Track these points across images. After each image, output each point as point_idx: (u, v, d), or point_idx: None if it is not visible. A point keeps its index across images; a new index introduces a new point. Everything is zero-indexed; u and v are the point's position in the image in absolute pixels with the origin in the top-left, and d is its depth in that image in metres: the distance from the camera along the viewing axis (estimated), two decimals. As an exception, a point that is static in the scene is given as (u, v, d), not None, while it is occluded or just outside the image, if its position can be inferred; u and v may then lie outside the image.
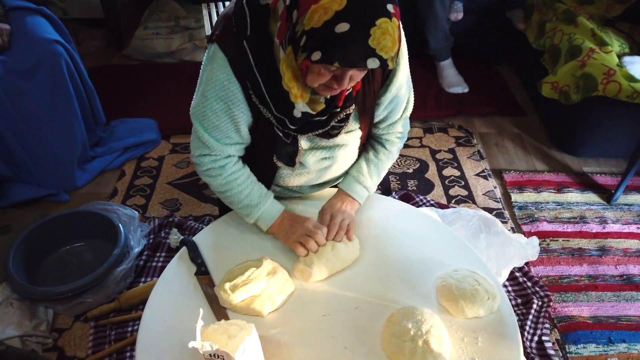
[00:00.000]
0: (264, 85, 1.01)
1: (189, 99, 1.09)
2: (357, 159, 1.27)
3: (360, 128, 1.17)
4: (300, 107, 1.02)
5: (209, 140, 1.09)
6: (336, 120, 1.09)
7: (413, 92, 1.20)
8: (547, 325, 1.57)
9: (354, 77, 0.95)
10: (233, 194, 1.15)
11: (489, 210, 2.01)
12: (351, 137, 1.18)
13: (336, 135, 1.13)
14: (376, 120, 1.20)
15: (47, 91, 1.93)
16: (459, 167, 2.29)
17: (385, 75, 1.11)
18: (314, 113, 1.04)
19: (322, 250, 1.09)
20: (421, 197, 2.04)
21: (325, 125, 1.09)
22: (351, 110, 1.10)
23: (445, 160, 2.34)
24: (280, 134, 1.10)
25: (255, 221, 1.16)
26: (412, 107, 1.22)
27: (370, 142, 1.28)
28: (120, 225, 1.72)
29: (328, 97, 1.03)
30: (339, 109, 1.07)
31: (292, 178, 1.21)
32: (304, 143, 1.13)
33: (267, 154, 1.16)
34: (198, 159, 1.14)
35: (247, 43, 0.98)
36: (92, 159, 2.21)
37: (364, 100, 1.11)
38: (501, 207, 2.06)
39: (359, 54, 0.84)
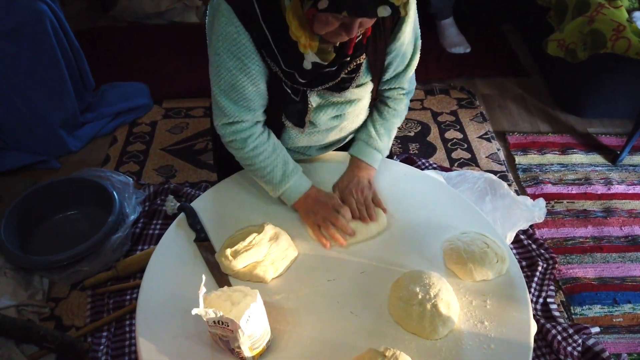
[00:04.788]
0: (271, 36, 0.96)
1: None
2: (364, 123, 1.22)
3: (371, 80, 1.11)
4: (310, 57, 0.97)
5: (226, 105, 1.03)
6: (346, 71, 1.04)
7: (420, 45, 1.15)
8: (552, 287, 1.56)
9: (363, 24, 0.90)
10: (256, 168, 1.10)
11: (493, 173, 1.97)
12: (362, 92, 1.12)
13: (347, 88, 1.07)
14: (387, 74, 1.15)
15: (32, 53, 1.86)
16: (462, 130, 2.24)
17: (395, 22, 1.05)
18: (325, 64, 0.99)
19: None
20: (423, 160, 2.00)
21: (335, 77, 1.04)
22: (362, 60, 1.04)
23: (447, 122, 2.28)
24: (289, 91, 1.05)
25: (278, 197, 1.11)
26: (417, 61, 1.16)
27: (374, 104, 1.22)
28: (114, 192, 1.67)
29: (337, 44, 0.97)
30: (349, 58, 1.01)
31: (300, 138, 1.16)
32: (313, 100, 1.07)
33: (275, 114, 1.11)
34: (220, 129, 1.09)
35: None
36: (83, 125, 2.15)
37: (375, 49, 1.05)
38: (505, 169, 2.03)
39: (368, 1, 0.79)
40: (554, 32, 2.25)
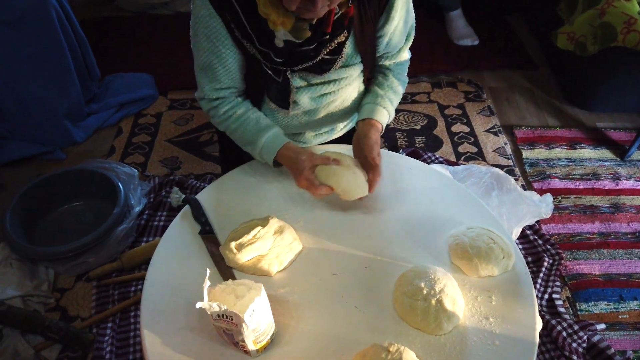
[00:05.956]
0: (243, 15, 0.97)
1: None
2: (369, 89, 1.21)
3: (361, 61, 1.10)
4: (281, 35, 0.97)
5: (201, 80, 1.08)
6: (327, 50, 1.03)
7: (415, 25, 1.16)
8: (557, 283, 1.55)
9: None
10: (231, 131, 1.13)
11: (500, 167, 1.96)
12: (350, 72, 1.11)
13: (329, 70, 1.07)
14: (381, 52, 1.14)
15: (36, 42, 1.85)
16: (469, 123, 2.22)
17: (382, 8, 1.04)
18: (298, 42, 0.99)
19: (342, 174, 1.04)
20: (429, 154, 1.98)
21: (315, 57, 1.03)
22: (343, 39, 1.03)
23: (454, 116, 2.26)
24: (270, 72, 1.05)
25: (261, 158, 1.12)
26: (414, 31, 1.17)
27: (378, 71, 1.22)
28: (119, 183, 1.67)
29: (314, 22, 0.97)
30: (327, 36, 1.00)
31: (289, 121, 1.16)
32: (295, 81, 1.08)
33: (259, 96, 1.12)
34: (200, 102, 1.14)
35: None
36: (88, 116, 2.14)
37: (361, 29, 1.04)
38: (512, 164, 2.01)
39: None
40: (563, 25, 2.21)
